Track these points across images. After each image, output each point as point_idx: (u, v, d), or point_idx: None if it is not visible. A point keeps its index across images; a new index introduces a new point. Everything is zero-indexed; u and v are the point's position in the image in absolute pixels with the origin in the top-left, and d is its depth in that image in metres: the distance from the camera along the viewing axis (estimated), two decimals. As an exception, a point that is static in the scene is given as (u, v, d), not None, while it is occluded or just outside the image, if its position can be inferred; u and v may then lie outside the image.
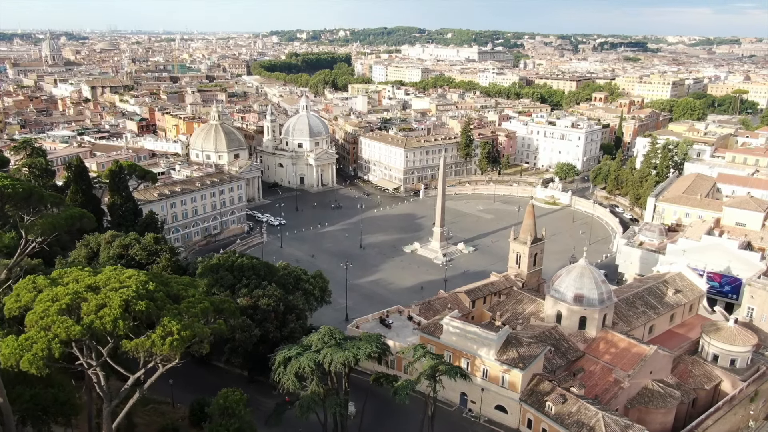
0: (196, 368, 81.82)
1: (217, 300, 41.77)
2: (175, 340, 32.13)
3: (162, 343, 31.84)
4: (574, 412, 62.69)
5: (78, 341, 32.14)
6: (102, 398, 59.14)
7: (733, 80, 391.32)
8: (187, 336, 32.74)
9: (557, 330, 79.23)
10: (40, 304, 32.23)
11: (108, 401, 37.96)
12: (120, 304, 32.07)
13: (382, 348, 53.82)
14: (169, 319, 33.03)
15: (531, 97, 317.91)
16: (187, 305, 35.64)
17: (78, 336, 30.92)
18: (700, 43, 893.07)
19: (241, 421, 54.63)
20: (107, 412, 37.81)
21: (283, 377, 52.29)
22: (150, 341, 32.04)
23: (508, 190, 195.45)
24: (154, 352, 32.45)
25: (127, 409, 40.52)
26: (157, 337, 32.07)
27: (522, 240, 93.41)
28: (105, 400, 37.89)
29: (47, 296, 32.74)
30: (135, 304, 32.62)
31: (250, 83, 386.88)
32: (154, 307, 33.58)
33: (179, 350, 32.87)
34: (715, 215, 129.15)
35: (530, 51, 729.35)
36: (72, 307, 32.26)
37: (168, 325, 32.70)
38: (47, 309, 31.52)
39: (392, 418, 71.53)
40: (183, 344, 32.70)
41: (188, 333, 33.01)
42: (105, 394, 37.60)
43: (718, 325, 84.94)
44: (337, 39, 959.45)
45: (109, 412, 37.95)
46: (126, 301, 32.52)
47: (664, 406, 72.71)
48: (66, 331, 30.56)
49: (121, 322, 31.60)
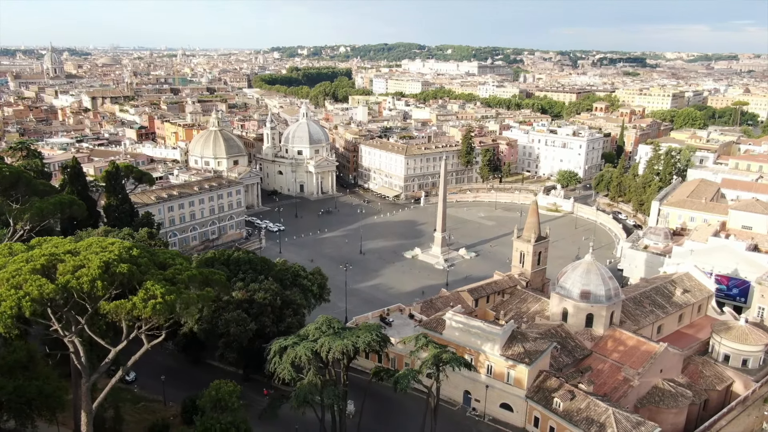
0: (190, 367, 79.39)
1: (207, 271, 39.51)
2: (158, 303, 29.87)
3: (144, 306, 29.55)
4: (583, 409, 60.04)
5: (53, 303, 29.81)
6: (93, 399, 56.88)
7: (732, 93, 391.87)
8: (171, 301, 30.47)
9: (563, 328, 76.76)
10: (13, 264, 29.99)
11: (87, 376, 35.51)
12: (99, 266, 29.88)
13: (381, 337, 51.46)
14: (152, 283, 30.80)
15: (531, 107, 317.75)
16: (173, 272, 33.42)
17: (51, 295, 28.65)
18: (699, 59, 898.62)
19: (234, 414, 52.12)
20: (86, 388, 35.41)
21: (278, 367, 49.82)
22: (131, 303, 29.74)
23: (510, 197, 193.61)
24: (135, 316, 30.05)
25: (109, 388, 37.98)
26: (138, 300, 29.79)
27: (526, 238, 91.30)
28: (84, 374, 35.49)
29: (21, 258, 30.52)
30: (116, 266, 30.42)
31: (250, 95, 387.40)
32: (138, 271, 31.37)
33: (163, 315, 30.57)
34: (720, 218, 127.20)
35: (530, 66, 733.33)
36: (48, 268, 30.07)
37: (151, 288, 30.48)
38: (20, 269, 29.26)
39: (392, 418, 68.85)
40: (167, 309, 30.40)
41: (173, 297, 30.76)
42: (84, 368, 35.19)
43: (728, 325, 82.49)
44: (337, 55, 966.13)
45: (88, 388, 35.54)
46: (106, 263, 30.33)
47: (675, 405, 69.95)
48: (38, 289, 28.28)
49: (99, 283, 29.37)
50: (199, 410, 52.85)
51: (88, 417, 35.42)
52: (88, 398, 35.71)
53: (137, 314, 29.82)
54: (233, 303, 66.43)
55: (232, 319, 64.22)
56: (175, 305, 30.76)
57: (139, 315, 29.98)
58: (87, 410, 35.61)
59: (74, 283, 29.00)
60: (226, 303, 66.70)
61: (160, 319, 31.27)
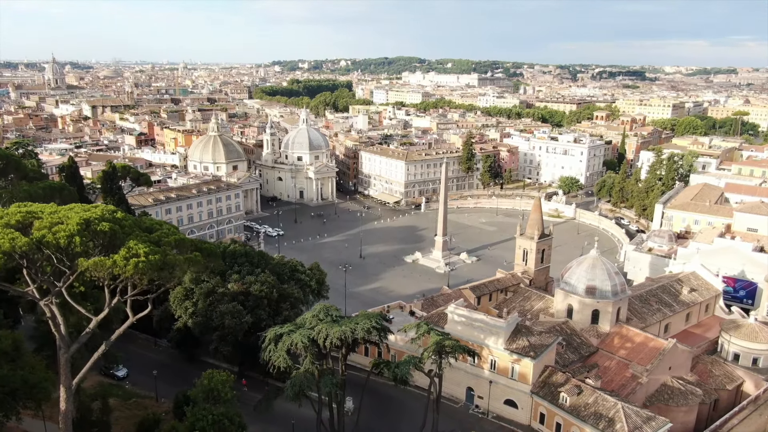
0: (184, 364, 77.09)
1: (197, 239, 37.62)
2: (141, 262, 28.01)
3: (125, 264, 27.66)
4: (590, 404, 57.78)
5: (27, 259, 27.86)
6: (80, 388, 54.57)
7: (733, 103, 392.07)
8: (156, 261, 28.62)
9: (568, 325, 74.59)
10: (-14, 221, 28.07)
11: (66, 347, 33.48)
12: (79, 222, 28.07)
13: (381, 325, 49.42)
14: (136, 243, 28.97)
15: (532, 116, 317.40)
16: (159, 235, 31.61)
17: (24, 248, 26.75)
18: (698, 72, 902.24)
19: (227, 405, 49.93)
20: (65, 360, 33.38)
21: (273, 355, 47.70)
22: (111, 261, 27.83)
23: (511, 203, 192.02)
24: (116, 275, 28.12)
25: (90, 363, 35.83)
26: (120, 258, 27.91)
27: (529, 235, 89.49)
28: (63, 344, 33.46)
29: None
30: (97, 224, 28.59)
31: (251, 105, 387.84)
32: (121, 231, 29.52)
33: (146, 274, 28.66)
34: (725, 221, 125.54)
35: (529, 79, 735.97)
36: (23, 224, 28.18)
37: (135, 247, 28.64)
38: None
39: (392, 415, 66.49)
40: (151, 268, 28.51)
41: (157, 257, 28.90)
42: (62, 337, 33.17)
43: (738, 323, 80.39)
44: (338, 68, 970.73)
45: (68, 360, 33.47)
46: (86, 221, 28.51)
47: (685, 403, 67.61)
48: (10, 242, 26.39)
49: (77, 239, 27.54)
50: (190, 402, 50.64)
51: (68, 392, 33.38)
52: (68, 371, 33.66)
53: (118, 272, 27.87)
54: (228, 295, 64.49)
55: (227, 311, 62.21)
56: (160, 266, 28.89)
57: (120, 273, 28.03)
58: (66, 384, 33.57)
59: (50, 237, 27.15)
60: (221, 295, 64.80)
61: (143, 279, 29.32)
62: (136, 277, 28.93)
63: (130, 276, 28.25)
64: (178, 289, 68.22)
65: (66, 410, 33.59)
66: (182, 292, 67.26)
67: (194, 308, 65.52)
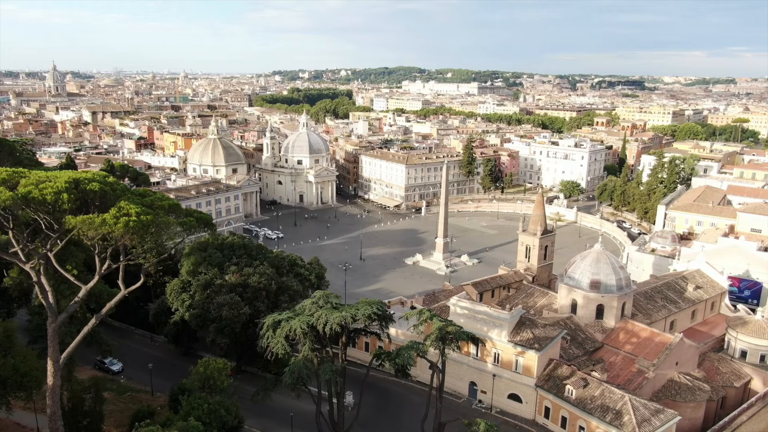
0: (180, 359, 75.53)
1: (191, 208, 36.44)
2: (132, 221, 26.76)
3: (115, 222, 26.39)
4: (597, 396, 56.27)
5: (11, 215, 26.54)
6: (71, 379, 53.06)
7: (732, 111, 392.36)
8: (147, 222, 27.38)
9: (572, 320, 73.24)
10: (-30, 178, 26.84)
11: (54, 315, 32.10)
12: (67, 180, 26.91)
13: (383, 311, 48.06)
14: (127, 203, 27.77)
15: (532, 123, 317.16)
16: (152, 199, 30.39)
17: (8, 203, 25.47)
18: (697, 82, 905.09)
19: (224, 394, 48.55)
20: (53, 330, 31.97)
21: (271, 341, 46.29)
22: (101, 219, 26.58)
23: (512, 207, 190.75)
24: (104, 234, 26.84)
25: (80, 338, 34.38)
26: (110, 217, 26.67)
27: (532, 231, 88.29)
28: (50, 314, 32.07)
29: (-18, 174, 27.39)
30: (87, 184, 27.42)
31: (251, 112, 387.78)
32: (112, 192, 28.33)
33: (137, 235, 27.39)
34: (728, 222, 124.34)
35: (529, 89, 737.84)
36: (9, 182, 26.96)
37: (125, 207, 27.43)
38: (-24, 181, 26.12)
39: (393, 410, 64.94)
40: (142, 228, 27.25)
41: (149, 218, 27.67)
42: (50, 305, 31.80)
43: (744, 319, 79.03)
44: (338, 78, 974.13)
45: (55, 330, 32.08)
46: (76, 180, 27.34)
47: (693, 399, 66.05)
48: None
49: (65, 195, 26.36)
50: (185, 392, 49.27)
51: (55, 366, 31.97)
52: (55, 343, 32.27)
53: (107, 231, 26.58)
54: (226, 286, 63.13)
55: (224, 303, 60.81)
56: (152, 227, 27.66)
57: (110, 233, 26.77)
58: (54, 357, 32.17)
59: (36, 193, 25.94)
60: (219, 287, 63.44)
61: (134, 240, 28.06)
62: (127, 238, 27.66)
63: (121, 236, 27.00)
64: (175, 281, 67.01)
65: (53, 385, 32.20)
66: (179, 285, 66.01)
67: (191, 300, 64.17)
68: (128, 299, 78.95)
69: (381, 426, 61.27)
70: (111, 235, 27.04)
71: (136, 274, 78.46)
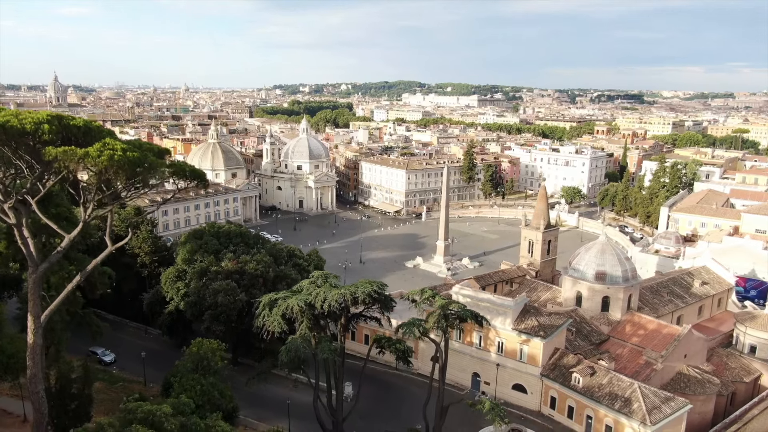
0: (174, 351, 73.47)
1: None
2: (117, 155, 25.35)
3: (98, 155, 24.97)
4: (605, 384, 54.40)
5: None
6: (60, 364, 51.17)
7: (732, 122, 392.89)
8: (134, 158, 25.97)
9: (577, 313, 71.40)
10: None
11: (35, 264, 30.42)
12: (49, 114, 25.57)
13: (382, 289, 46.44)
14: (113, 140, 26.39)
15: (533, 132, 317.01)
16: (139, 143, 28.98)
17: None
18: (695, 97, 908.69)
19: (217, 377, 46.73)
20: (33, 280, 30.23)
21: (267, 320, 44.59)
22: (83, 151, 25.17)
23: (513, 212, 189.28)
24: (87, 166, 25.38)
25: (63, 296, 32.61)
26: (93, 149, 25.28)
27: (534, 225, 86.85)
28: (31, 264, 30.41)
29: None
30: (70, 119, 26.06)
31: (251, 123, 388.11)
32: (97, 131, 26.96)
33: (123, 169, 25.91)
34: (733, 223, 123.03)
35: (528, 102, 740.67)
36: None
37: (111, 142, 26.06)
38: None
39: (391, 400, 62.98)
40: (127, 164, 25.81)
41: (136, 155, 26.28)
42: (30, 254, 30.15)
43: (754, 314, 77.24)
44: (339, 92, 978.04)
45: (37, 280, 30.35)
46: (58, 116, 25.97)
47: (703, 392, 64.01)
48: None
49: (46, 126, 24.97)
50: (178, 374, 47.41)
51: (36, 323, 30.20)
52: (37, 296, 30.50)
53: (90, 163, 25.14)
54: (222, 273, 61.49)
55: (220, 289, 59.13)
56: (139, 163, 26.22)
57: (93, 166, 25.31)
58: (34, 313, 30.41)
59: (15, 122, 24.58)
60: (215, 274, 61.80)
61: (119, 175, 26.58)
62: (111, 172, 26.19)
63: (104, 169, 25.54)
64: (170, 269, 65.47)
65: (34, 344, 30.42)
66: (174, 273, 64.40)
67: (186, 289, 62.47)
68: (122, 291, 77.87)
69: (381, 415, 59.28)
70: (94, 168, 25.63)
71: (129, 265, 76.93)
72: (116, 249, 59.61)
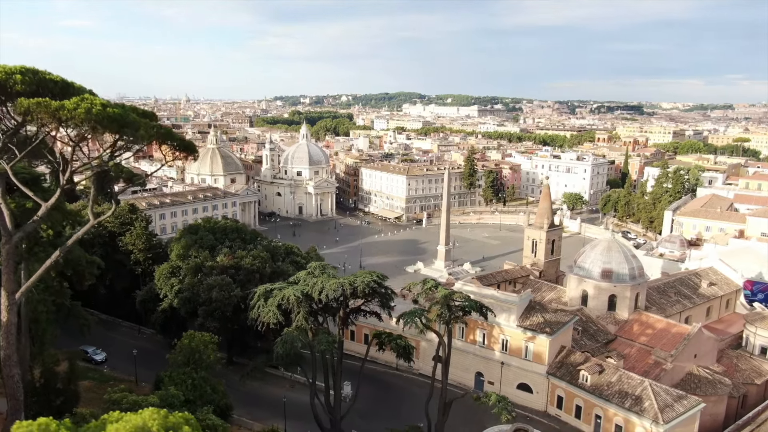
0: (167, 350, 71.35)
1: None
2: (96, 109, 23.64)
3: (75, 107, 23.24)
4: (614, 382, 52.28)
5: None
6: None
7: (733, 131, 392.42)
8: (114, 114, 24.25)
9: (583, 312, 69.41)
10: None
11: (8, 234, 28.43)
12: (23, 66, 23.92)
13: (382, 280, 44.57)
14: (93, 96, 24.69)
15: (533, 140, 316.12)
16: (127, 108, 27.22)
17: None
18: (695, 108, 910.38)
19: (209, 371, 44.71)
20: (7, 251, 28.19)
21: (262, 311, 42.64)
22: (59, 104, 23.46)
23: (515, 219, 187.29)
24: (62, 119, 23.60)
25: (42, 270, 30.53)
26: (70, 102, 23.57)
27: (538, 225, 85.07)
28: (3, 233, 28.43)
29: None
30: (47, 74, 24.43)
31: (252, 132, 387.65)
32: (77, 88, 25.28)
33: (101, 124, 24.15)
34: (738, 227, 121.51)
35: (528, 113, 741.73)
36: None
37: (90, 97, 24.37)
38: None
39: (391, 401, 60.79)
40: (107, 119, 24.08)
41: (117, 111, 24.57)
42: (3, 225, 28.18)
43: (763, 315, 75.17)
44: (339, 103, 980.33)
45: (10, 251, 28.31)
46: (34, 69, 24.35)
47: (714, 393, 61.84)
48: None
49: (18, 76, 23.31)
50: (169, 368, 45.42)
51: (10, 299, 28.18)
52: (11, 270, 28.49)
53: (65, 116, 23.37)
54: (217, 268, 59.58)
55: (215, 284, 57.20)
56: (118, 119, 24.49)
57: (68, 119, 23.55)
58: (8, 288, 28.37)
59: None
60: (210, 269, 59.89)
61: (97, 130, 24.80)
62: (89, 127, 24.44)
63: (81, 122, 23.81)
64: (164, 265, 63.58)
65: (8, 322, 28.39)
66: (168, 269, 62.47)
67: (180, 285, 60.54)
68: (115, 291, 75.85)
69: (380, 414, 57.07)
70: (70, 123, 23.90)
71: (122, 262, 74.84)
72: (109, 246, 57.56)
